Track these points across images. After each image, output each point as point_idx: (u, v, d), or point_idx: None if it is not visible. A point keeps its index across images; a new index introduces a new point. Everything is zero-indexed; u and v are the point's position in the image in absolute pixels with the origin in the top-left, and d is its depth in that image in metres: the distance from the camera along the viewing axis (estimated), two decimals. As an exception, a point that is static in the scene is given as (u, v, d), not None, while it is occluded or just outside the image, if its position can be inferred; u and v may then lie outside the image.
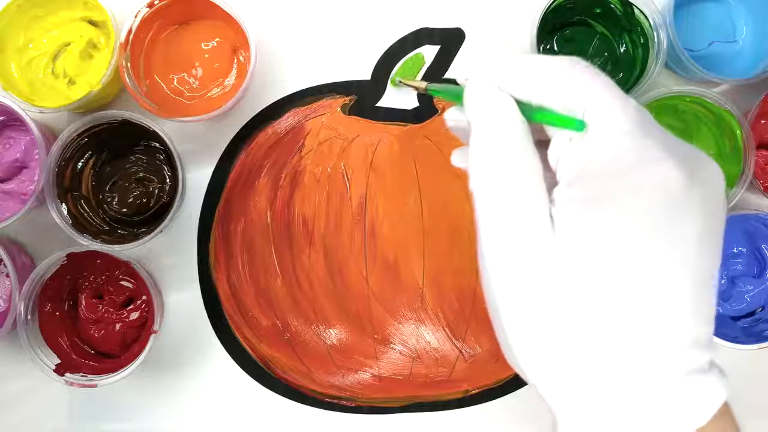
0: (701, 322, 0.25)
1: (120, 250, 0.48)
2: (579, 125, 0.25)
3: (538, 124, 0.27)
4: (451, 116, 0.31)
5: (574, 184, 0.25)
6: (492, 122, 0.27)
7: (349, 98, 0.53)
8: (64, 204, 0.49)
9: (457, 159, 0.32)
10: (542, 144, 0.27)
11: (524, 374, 0.26)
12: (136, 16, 0.48)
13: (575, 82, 0.26)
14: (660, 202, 0.24)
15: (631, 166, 0.24)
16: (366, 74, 0.53)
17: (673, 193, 0.24)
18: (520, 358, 0.26)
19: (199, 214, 0.52)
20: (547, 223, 0.25)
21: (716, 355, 0.26)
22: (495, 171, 0.26)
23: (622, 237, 0.24)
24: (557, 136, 0.26)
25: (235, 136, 0.53)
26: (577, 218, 0.24)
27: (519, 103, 0.27)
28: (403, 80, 0.49)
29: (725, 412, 0.26)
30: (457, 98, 0.29)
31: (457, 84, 0.30)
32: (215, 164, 0.53)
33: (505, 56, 0.28)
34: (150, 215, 0.51)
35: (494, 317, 0.26)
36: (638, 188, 0.24)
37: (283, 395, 0.52)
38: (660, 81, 0.51)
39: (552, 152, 0.26)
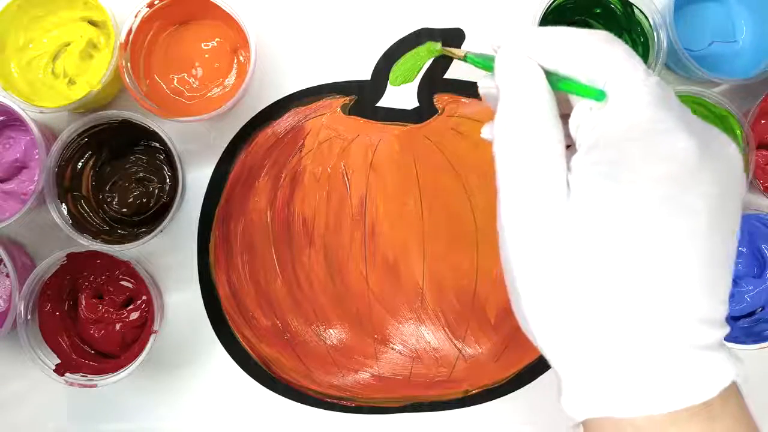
0: (713, 299, 0.25)
1: (120, 250, 0.48)
2: (600, 95, 0.26)
3: (563, 94, 0.28)
4: (484, 84, 0.31)
5: (591, 151, 0.26)
6: (519, 89, 0.28)
7: (349, 98, 0.53)
8: (64, 204, 0.49)
9: (486, 132, 0.32)
10: (565, 118, 0.28)
11: (533, 337, 0.27)
12: (136, 16, 0.48)
13: (599, 54, 0.27)
14: (672, 172, 0.24)
15: (645, 136, 0.25)
16: (366, 74, 0.53)
17: (685, 165, 0.24)
18: (530, 320, 0.27)
19: (199, 214, 0.52)
20: (563, 188, 0.26)
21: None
22: (518, 135, 0.27)
23: (632, 205, 0.24)
24: (579, 105, 0.27)
25: (235, 136, 0.53)
26: (590, 184, 0.25)
27: (546, 72, 0.28)
28: (445, 48, 0.49)
29: (735, 396, 0.26)
30: (491, 67, 0.30)
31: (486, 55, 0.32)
32: (215, 164, 0.53)
33: (535, 28, 0.29)
34: (150, 215, 0.51)
35: (508, 278, 0.27)
36: (651, 157, 0.25)
37: (283, 395, 0.52)
38: (660, 81, 0.51)
39: (573, 120, 0.27)
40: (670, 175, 0.24)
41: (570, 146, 0.28)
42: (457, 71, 0.53)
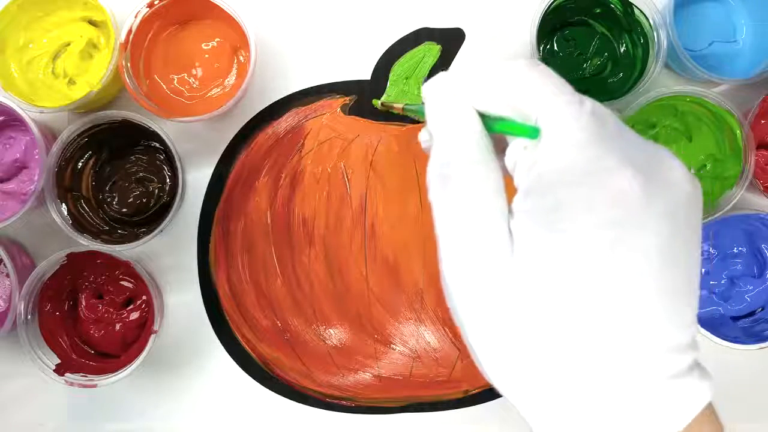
0: (677, 327, 0.24)
1: (120, 250, 0.48)
2: (533, 133, 0.25)
3: (500, 134, 0.26)
4: (423, 137, 0.30)
5: (528, 196, 0.24)
6: (449, 135, 0.26)
7: (349, 98, 0.53)
8: (64, 204, 0.49)
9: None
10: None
11: (495, 387, 0.26)
12: (136, 16, 0.48)
13: (527, 88, 0.25)
14: (614, 216, 0.23)
15: (582, 178, 0.23)
16: (366, 74, 0.53)
17: (627, 205, 0.23)
18: (488, 373, 0.26)
19: (199, 214, 0.52)
20: (505, 238, 0.24)
21: (701, 356, 0.25)
22: (450, 186, 0.26)
23: (577, 254, 0.23)
24: (513, 143, 0.26)
25: (235, 136, 0.53)
26: (531, 236, 0.24)
27: (481, 114, 0.26)
28: (384, 102, 0.49)
29: (708, 414, 0.25)
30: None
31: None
32: (215, 164, 0.53)
33: (463, 67, 0.27)
34: (150, 215, 0.51)
35: (458, 327, 0.26)
36: (590, 201, 0.23)
37: (283, 395, 0.52)
38: (660, 81, 0.51)
39: (508, 159, 0.26)
40: (613, 219, 0.23)
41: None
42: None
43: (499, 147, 0.27)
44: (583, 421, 0.24)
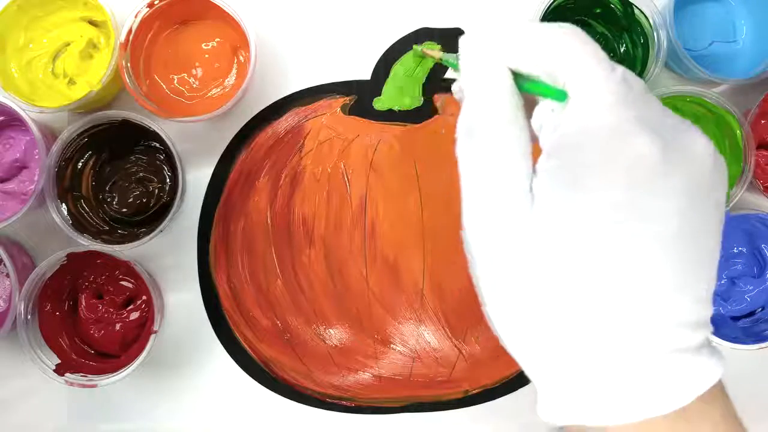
0: (690, 301, 0.24)
1: (120, 250, 0.48)
2: (561, 95, 0.25)
3: (530, 94, 0.27)
4: (456, 87, 0.30)
5: (551, 157, 0.25)
6: (480, 91, 0.26)
7: (349, 98, 0.53)
8: (64, 204, 0.49)
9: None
10: None
11: (506, 347, 0.26)
12: (136, 16, 0.48)
13: (558, 50, 0.25)
14: (633, 179, 0.23)
15: (605, 141, 0.24)
16: (366, 74, 0.53)
17: (647, 170, 0.23)
18: (500, 332, 0.26)
19: (199, 214, 0.52)
20: (526, 195, 0.25)
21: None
22: (476, 139, 0.26)
23: (594, 214, 0.23)
24: (541, 104, 0.26)
25: (235, 136, 0.53)
26: (551, 193, 0.24)
27: (513, 72, 0.27)
28: (425, 50, 0.49)
29: (719, 398, 0.25)
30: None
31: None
32: (215, 164, 0.53)
33: (501, 24, 0.28)
34: (150, 215, 0.51)
35: (474, 281, 0.27)
36: (610, 164, 0.23)
37: (283, 395, 0.52)
38: (660, 81, 0.51)
39: (535, 120, 0.26)
40: (632, 182, 0.23)
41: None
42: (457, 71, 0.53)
43: (529, 108, 0.27)
44: (583, 385, 0.24)
